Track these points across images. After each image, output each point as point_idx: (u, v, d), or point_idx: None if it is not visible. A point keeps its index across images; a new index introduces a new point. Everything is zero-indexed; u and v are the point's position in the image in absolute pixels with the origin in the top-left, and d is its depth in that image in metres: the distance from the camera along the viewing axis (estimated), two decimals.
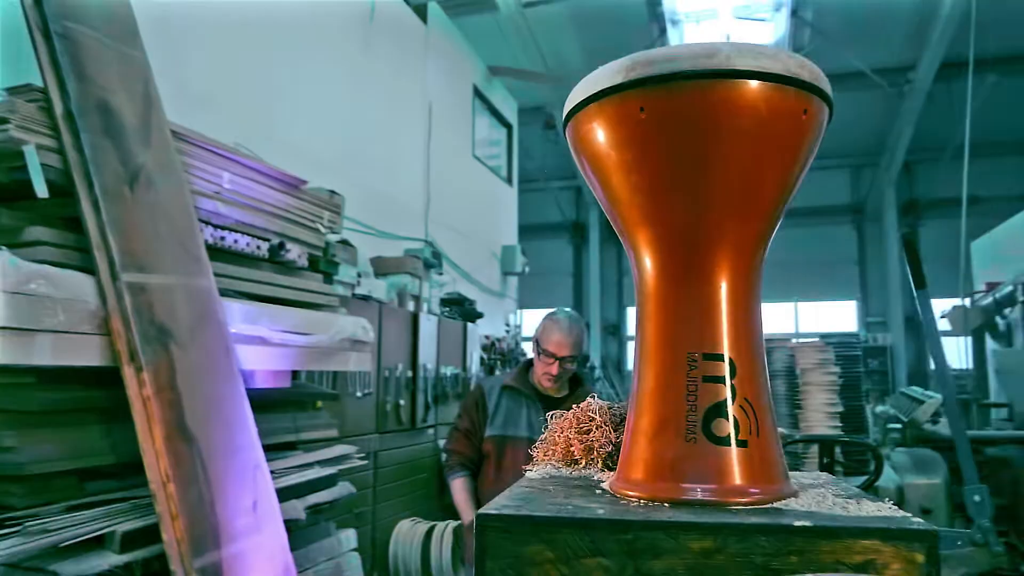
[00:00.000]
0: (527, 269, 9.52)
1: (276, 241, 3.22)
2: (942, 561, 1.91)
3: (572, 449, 1.06)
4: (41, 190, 2.08)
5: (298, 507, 2.85)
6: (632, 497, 0.84)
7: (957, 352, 7.09)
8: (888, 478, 3.11)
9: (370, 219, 6.00)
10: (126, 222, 2.26)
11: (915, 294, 1.83)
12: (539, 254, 14.72)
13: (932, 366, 2.86)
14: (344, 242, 4.55)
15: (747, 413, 0.83)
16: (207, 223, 2.79)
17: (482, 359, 6.77)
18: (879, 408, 4.35)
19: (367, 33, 6.32)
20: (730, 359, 0.84)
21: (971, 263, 7.14)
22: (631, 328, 15.03)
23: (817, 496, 0.85)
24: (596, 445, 1.03)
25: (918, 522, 0.71)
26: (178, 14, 4.14)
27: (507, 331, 8.64)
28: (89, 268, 2.16)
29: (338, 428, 4.02)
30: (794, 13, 9.29)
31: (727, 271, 0.86)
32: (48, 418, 2.17)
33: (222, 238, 2.88)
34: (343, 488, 3.25)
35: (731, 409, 0.83)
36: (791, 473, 1.11)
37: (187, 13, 4.24)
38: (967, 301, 6.42)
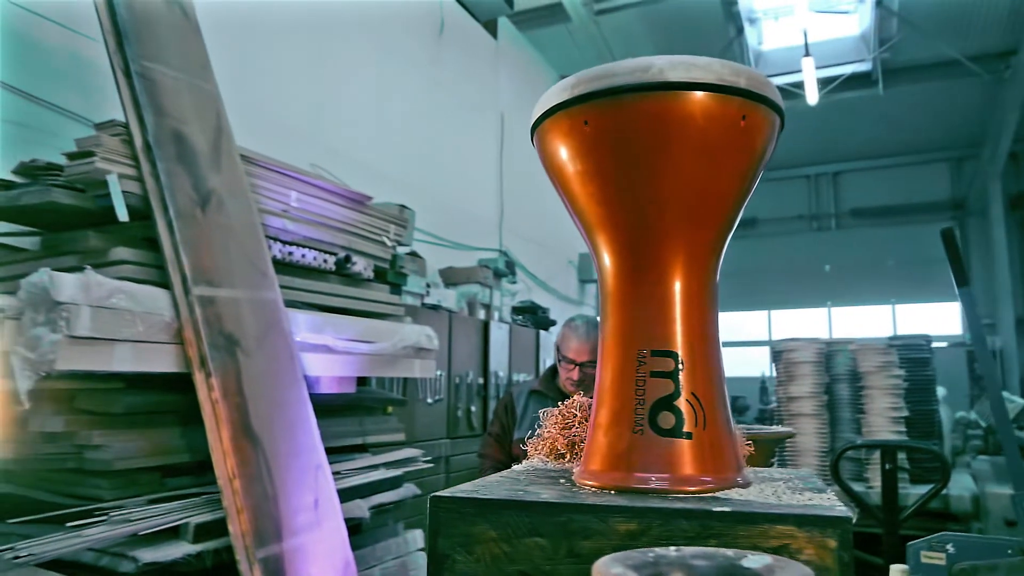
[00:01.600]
0: None
1: (342, 255, 3.40)
2: (991, 571, 1.84)
3: (557, 444, 1.12)
4: (122, 214, 2.31)
5: (362, 506, 3.00)
6: (589, 486, 0.89)
7: None
8: (963, 487, 2.95)
9: (444, 231, 6.19)
10: (198, 241, 2.47)
11: (956, 291, 1.78)
12: None
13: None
14: (413, 254, 4.72)
15: (694, 407, 0.87)
16: (275, 239, 2.99)
17: None
18: (959, 413, 4.11)
19: (437, 50, 6.53)
20: (678, 356, 0.88)
21: None
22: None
23: (767, 488, 0.88)
24: (577, 440, 1.09)
25: (838, 509, 0.74)
26: (249, 38, 4.43)
27: None
28: (165, 283, 2.38)
29: (409, 433, 4.18)
30: (879, 3, 8.91)
31: (679, 274, 0.91)
32: (132, 419, 2.39)
33: (290, 253, 3.08)
34: (407, 490, 3.38)
35: (677, 403, 0.87)
36: (775, 467, 1.13)
37: (258, 36, 4.53)
38: None
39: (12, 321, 2.08)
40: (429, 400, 4.64)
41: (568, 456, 1.12)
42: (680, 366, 0.88)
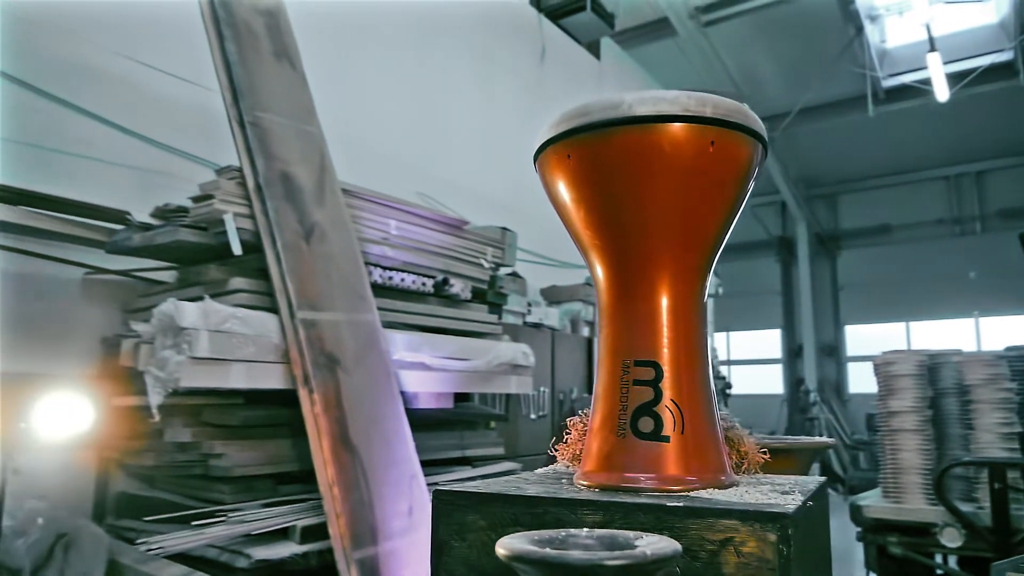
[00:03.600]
0: (720, 290, 9.29)
1: (440, 277, 3.61)
2: None
3: (576, 449, 1.21)
4: (236, 249, 2.61)
5: None
6: (584, 486, 0.98)
7: None
8: None
9: (550, 250, 6.32)
10: (302, 270, 2.73)
11: None
12: (743, 274, 14.20)
13: None
14: (513, 274, 4.88)
15: (673, 413, 0.94)
16: (376, 265, 3.23)
17: None
18: None
19: (540, 74, 6.71)
20: (659, 366, 0.96)
21: None
22: (851, 348, 13.95)
23: (745, 489, 0.93)
24: None
25: (785, 507, 0.79)
26: (354, 76, 4.78)
27: None
28: (274, 308, 2.65)
29: (512, 448, 4.32)
30: None
31: (664, 292, 0.98)
32: (249, 431, 2.67)
33: (390, 278, 3.31)
34: None
35: (657, 409, 0.94)
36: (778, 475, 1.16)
37: (363, 73, 4.88)
38: None
39: (146, 345, 2.41)
40: (533, 416, 4.76)
41: None
42: (661, 375, 0.95)
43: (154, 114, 3.36)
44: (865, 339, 13.68)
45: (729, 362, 14.86)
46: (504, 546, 0.56)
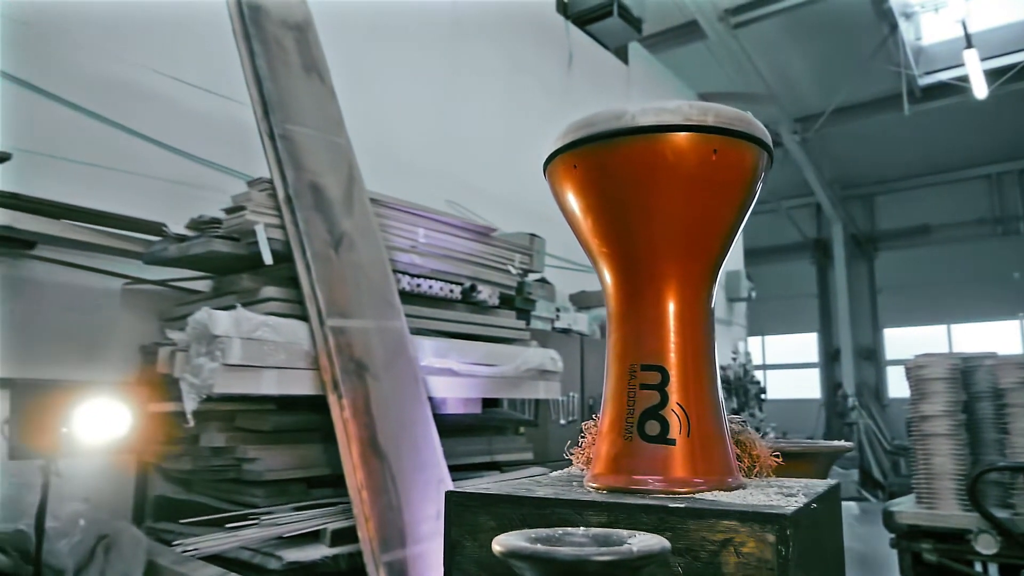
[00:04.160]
0: (753, 294, 9.20)
1: (468, 284, 3.65)
2: None
3: (589, 453, 1.23)
4: (267, 258, 2.68)
5: None
6: (592, 488, 1.00)
7: None
8: None
9: (578, 256, 6.33)
10: (331, 278, 2.79)
11: None
12: (778, 277, 14.02)
13: None
14: (542, 280, 4.90)
15: (679, 416, 0.96)
16: (404, 273, 3.28)
17: None
18: None
19: (568, 80, 6.74)
20: (665, 370, 0.98)
21: None
22: (890, 351, 13.66)
23: (750, 491, 0.94)
24: None
25: (779, 508, 0.80)
26: (381, 87, 4.86)
27: (734, 358, 8.41)
28: (304, 316, 2.72)
29: (542, 453, 4.34)
30: None
31: (671, 297, 1.00)
32: (280, 436, 2.74)
33: (418, 285, 3.36)
34: None
35: (663, 412, 0.96)
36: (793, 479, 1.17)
37: (390, 84, 4.95)
38: None
39: (182, 353, 2.49)
40: (562, 421, 4.77)
41: None
42: (667, 380, 0.97)
43: (188, 128, 3.46)
44: (905, 342, 13.39)
45: (764, 366, 14.65)
46: (499, 543, 0.59)
